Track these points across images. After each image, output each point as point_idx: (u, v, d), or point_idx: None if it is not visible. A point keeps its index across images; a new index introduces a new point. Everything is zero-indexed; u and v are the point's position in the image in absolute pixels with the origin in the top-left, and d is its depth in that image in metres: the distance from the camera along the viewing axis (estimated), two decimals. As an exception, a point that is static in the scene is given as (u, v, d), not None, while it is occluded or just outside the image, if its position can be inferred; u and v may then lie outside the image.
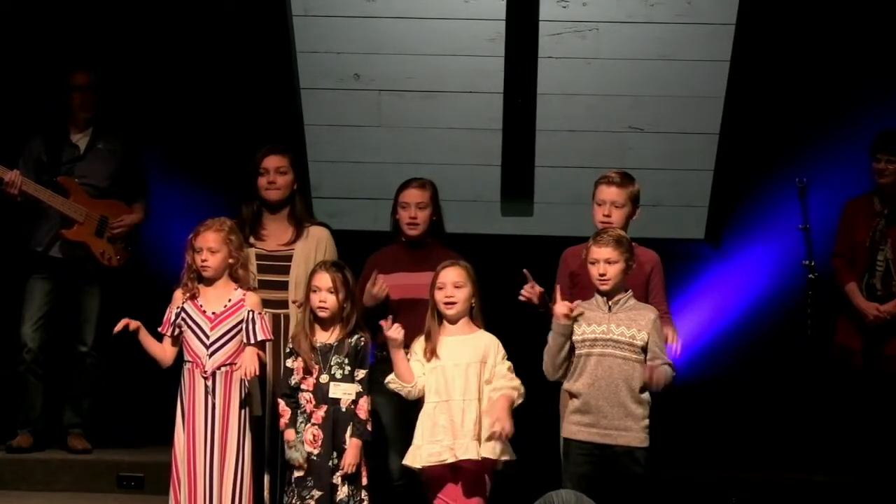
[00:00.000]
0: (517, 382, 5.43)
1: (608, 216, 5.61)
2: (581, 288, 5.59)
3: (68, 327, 6.86)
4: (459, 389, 5.37)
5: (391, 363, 5.57)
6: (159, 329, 5.56)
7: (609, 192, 5.63)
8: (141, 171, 7.00)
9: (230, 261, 5.57)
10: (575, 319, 5.30)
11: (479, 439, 5.34)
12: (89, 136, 6.89)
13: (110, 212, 6.82)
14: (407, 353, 5.50)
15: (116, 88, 7.12)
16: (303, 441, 5.43)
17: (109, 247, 6.80)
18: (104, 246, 6.79)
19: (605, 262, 5.33)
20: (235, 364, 5.49)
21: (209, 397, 5.46)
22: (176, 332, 5.54)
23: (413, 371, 5.44)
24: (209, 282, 5.57)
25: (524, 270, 5.61)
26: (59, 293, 6.82)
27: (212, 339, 5.50)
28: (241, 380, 5.48)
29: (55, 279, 6.79)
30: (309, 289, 5.56)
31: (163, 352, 5.55)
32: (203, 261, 5.53)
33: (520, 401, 5.42)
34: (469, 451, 5.31)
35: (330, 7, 7.19)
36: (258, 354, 5.49)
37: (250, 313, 5.54)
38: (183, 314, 5.53)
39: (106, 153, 6.88)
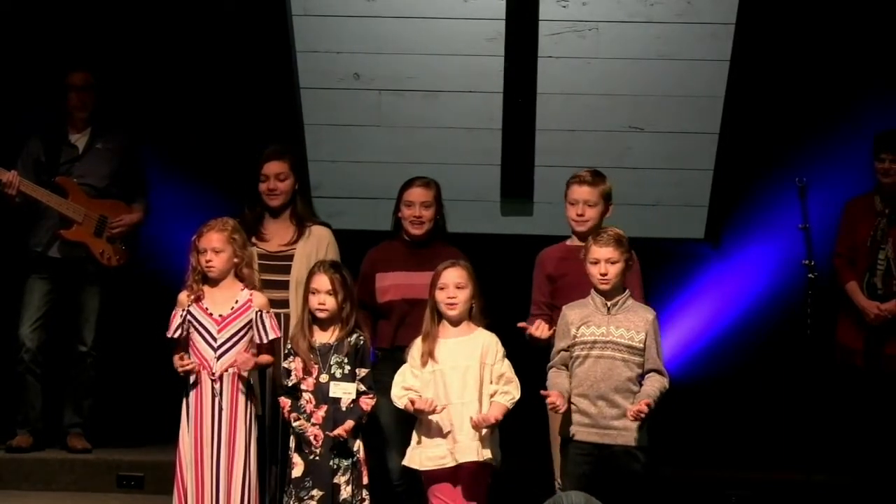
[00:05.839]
0: (513, 385, 5.37)
1: (581, 215, 5.65)
2: (561, 289, 5.58)
3: (68, 327, 6.85)
4: (457, 392, 5.32)
5: (390, 363, 5.57)
6: (167, 334, 5.52)
7: (581, 192, 5.66)
8: (140, 170, 6.99)
9: (235, 260, 5.56)
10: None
11: (480, 441, 5.31)
12: (88, 136, 6.89)
13: (110, 211, 6.81)
14: (404, 354, 5.49)
15: (116, 88, 7.12)
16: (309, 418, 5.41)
17: (109, 246, 6.80)
18: (103, 246, 6.78)
19: (606, 261, 5.32)
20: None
21: (216, 399, 5.44)
22: (183, 335, 5.51)
23: (412, 385, 5.40)
24: (214, 283, 5.55)
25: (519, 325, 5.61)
26: (58, 293, 6.81)
27: (219, 342, 5.48)
28: (242, 377, 5.47)
29: (54, 279, 6.79)
30: (307, 290, 5.54)
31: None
32: (208, 261, 5.51)
33: (516, 398, 5.37)
34: (468, 453, 5.27)
35: (330, 7, 7.19)
36: (254, 358, 5.50)
37: (258, 313, 5.53)
38: (189, 317, 5.51)
39: (105, 153, 6.87)
